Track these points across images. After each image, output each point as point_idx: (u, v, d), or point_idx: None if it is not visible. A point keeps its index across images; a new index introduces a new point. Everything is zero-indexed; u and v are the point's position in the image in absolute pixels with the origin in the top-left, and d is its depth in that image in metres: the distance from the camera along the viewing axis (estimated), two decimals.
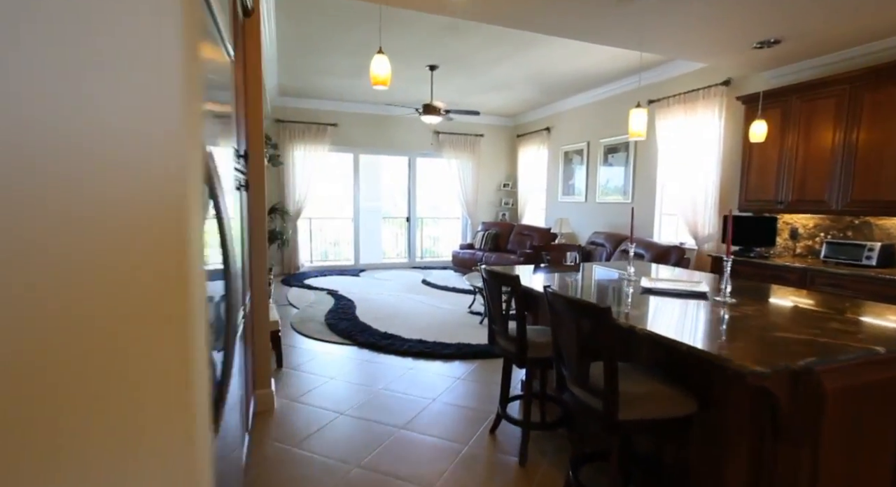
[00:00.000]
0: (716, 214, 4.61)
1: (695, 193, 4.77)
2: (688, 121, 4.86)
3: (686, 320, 1.82)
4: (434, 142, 8.42)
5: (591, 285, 2.60)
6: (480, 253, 7.45)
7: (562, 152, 7.36)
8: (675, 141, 5.01)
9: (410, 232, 8.65)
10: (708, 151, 4.63)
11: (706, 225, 4.67)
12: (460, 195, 8.53)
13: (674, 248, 4.30)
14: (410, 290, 6.38)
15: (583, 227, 6.80)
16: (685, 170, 4.87)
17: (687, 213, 4.85)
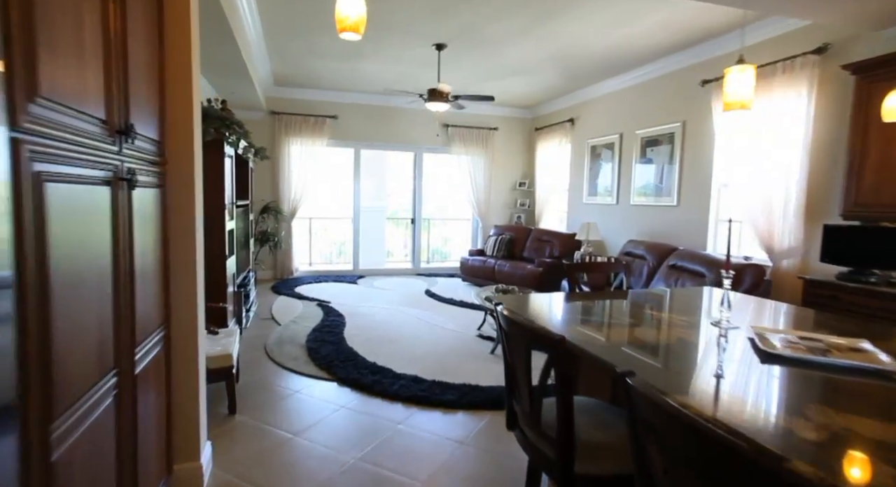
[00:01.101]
0: (800, 222, 3.66)
1: (770, 196, 3.84)
2: (760, 103, 3.92)
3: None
4: (442, 136, 7.59)
5: (673, 338, 1.74)
6: (493, 260, 6.60)
7: (588, 146, 6.47)
8: (740, 129, 4.09)
9: (415, 234, 7.84)
10: (789, 142, 3.69)
11: (786, 235, 3.73)
12: (471, 195, 7.69)
13: (749, 268, 3.37)
14: (411, 303, 5.55)
15: (614, 234, 5.90)
16: (755, 167, 3.94)
17: (758, 221, 3.92)
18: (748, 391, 1.22)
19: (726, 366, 1.38)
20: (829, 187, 3.51)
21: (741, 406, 1.11)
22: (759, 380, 1.28)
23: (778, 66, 3.80)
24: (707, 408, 1.09)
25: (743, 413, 1.06)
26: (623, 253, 5.07)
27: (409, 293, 6.18)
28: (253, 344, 3.88)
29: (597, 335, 1.68)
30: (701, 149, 4.65)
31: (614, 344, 1.58)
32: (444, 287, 6.65)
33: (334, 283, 6.64)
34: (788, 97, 3.72)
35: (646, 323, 1.90)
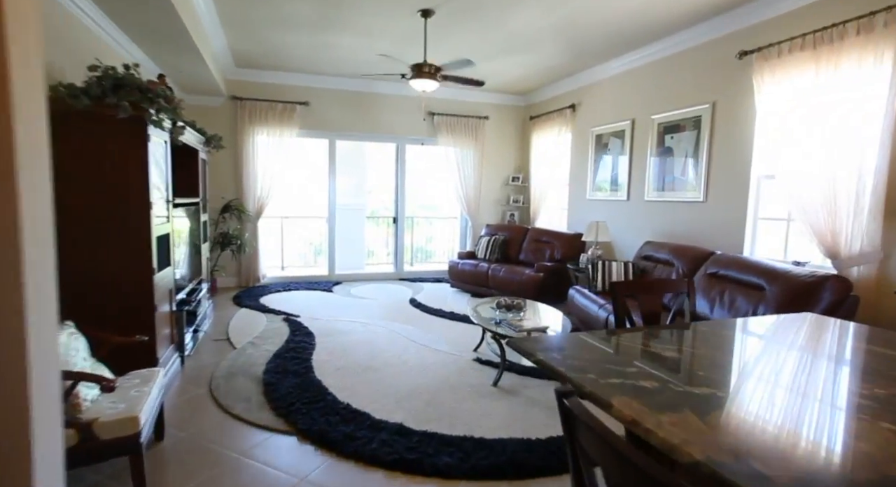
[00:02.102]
0: (878, 220, 2.96)
1: (835, 188, 3.14)
2: (819, 77, 3.23)
3: None
4: (427, 121, 6.82)
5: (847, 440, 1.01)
6: (486, 264, 5.87)
7: (592, 135, 5.78)
8: (790, 109, 3.40)
9: (398, 235, 7.06)
10: (864, 120, 2.98)
11: (857, 237, 3.04)
12: (459, 190, 6.95)
13: (830, 281, 2.64)
14: (394, 315, 4.79)
15: (625, 235, 5.23)
16: (815, 153, 3.25)
17: (816, 219, 3.23)
18: None
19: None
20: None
21: None
22: None
23: (850, 27, 3.07)
24: None
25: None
26: (640, 257, 4.40)
27: (391, 302, 5.40)
28: (196, 378, 3.06)
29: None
30: (736, 133, 3.98)
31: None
32: (431, 294, 5.90)
33: (306, 292, 5.82)
34: (865, 64, 3.00)
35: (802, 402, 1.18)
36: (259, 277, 6.00)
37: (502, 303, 3.41)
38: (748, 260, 3.18)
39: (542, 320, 3.41)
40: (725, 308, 3.07)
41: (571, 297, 4.40)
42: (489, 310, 3.58)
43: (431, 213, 9.30)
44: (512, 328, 3.04)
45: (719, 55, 4.11)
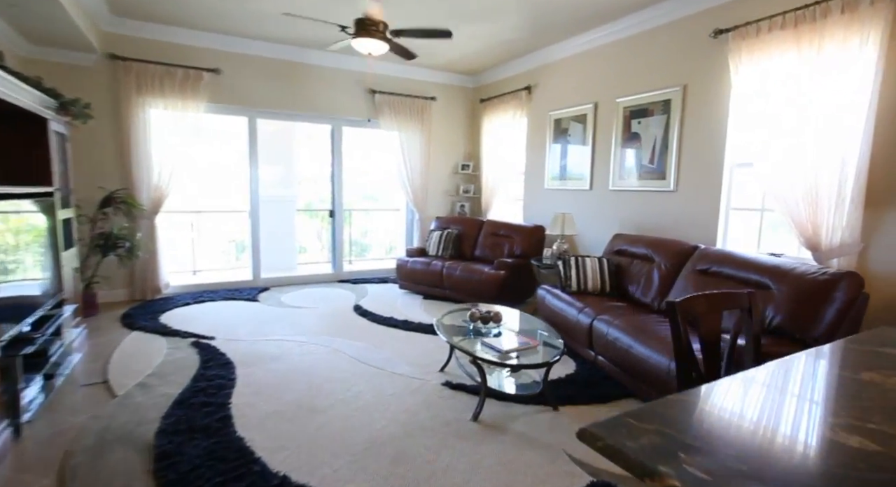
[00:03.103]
0: (859, 211, 2.76)
1: (816, 177, 2.90)
2: (802, 58, 2.96)
3: None
4: (367, 100, 5.99)
5: None
6: (439, 262, 5.23)
7: (550, 120, 5.31)
8: (769, 93, 3.11)
9: (335, 230, 6.20)
10: (848, 106, 2.76)
11: (838, 228, 2.82)
12: (405, 180, 6.22)
13: (843, 279, 2.27)
14: (337, 329, 4.00)
15: (589, 227, 4.82)
16: (795, 140, 2.99)
17: (797, 210, 2.98)
18: None
19: None
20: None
21: None
22: None
23: (833, 5, 2.84)
24: None
25: None
26: (612, 251, 3.98)
27: (331, 311, 4.59)
28: (40, 459, 2.05)
29: None
30: (709, 118, 3.65)
31: None
32: (378, 298, 5.15)
33: (224, 303, 4.82)
34: (849, 46, 2.77)
35: None
36: (160, 287, 4.87)
37: (476, 314, 2.79)
38: (745, 257, 2.82)
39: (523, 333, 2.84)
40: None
41: (541, 298, 3.89)
42: (460, 323, 2.94)
43: (373, 205, 8.48)
44: (494, 350, 2.43)
45: (692, 33, 3.75)
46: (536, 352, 2.47)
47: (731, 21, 3.41)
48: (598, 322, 3.00)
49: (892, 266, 2.67)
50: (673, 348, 1.43)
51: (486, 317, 2.74)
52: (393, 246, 8.00)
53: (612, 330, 2.84)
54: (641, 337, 2.60)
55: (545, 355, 2.48)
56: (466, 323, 2.86)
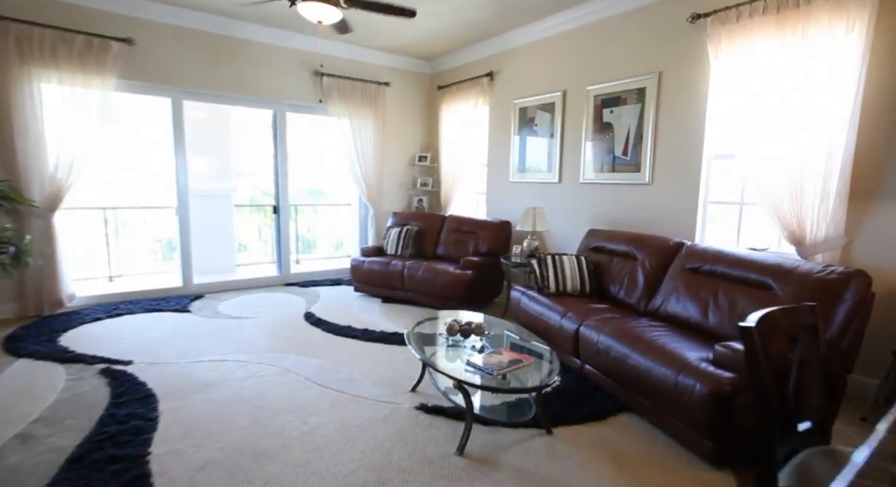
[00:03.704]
0: (843, 204, 2.66)
1: (800, 171, 2.77)
2: (788, 42, 2.81)
3: None
4: (314, 82, 5.40)
5: None
6: (399, 262, 4.78)
7: (515, 109, 5.00)
8: (751, 82, 2.95)
9: (280, 228, 5.57)
10: (833, 96, 2.63)
11: (823, 222, 2.71)
12: (357, 172, 5.70)
13: (853, 278, 2.06)
14: (286, 343, 3.47)
15: (559, 222, 4.56)
16: (778, 131, 2.85)
17: (781, 203, 2.84)
18: None
19: None
20: (886, 156, 2.53)
21: None
22: None
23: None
24: None
25: None
26: (588, 248, 3.74)
27: (279, 321, 4.02)
28: None
29: None
30: (686, 108, 3.48)
31: None
32: (332, 304, 4.63)
33: (148, 316, 4.11)
34: (834, 33, 2.64)
35: None
36: (62, 300, 4.05)
37: (455, 327, 2.40)
38: (742, 255, 2.64)
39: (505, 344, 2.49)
40: (724, 311, 2.49)
41: (516, 301, 3.58)
42: (435, 335, 2.54)
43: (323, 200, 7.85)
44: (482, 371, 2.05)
45: (668, 18, 3.56)
46: (530, 370, 2.12)
47: (709, 5, 3.23)
48: (586, 328, 2.72)
49: (876, 260, 2.59)
50: (751, 379, 1.11)
51: (467, 330, 2.37)
52: (342, 243, 7.44)
53: (603, 338, 2.57)
54: (640, 347, 2.33)
55: (539, 372, 2.14)
56: (443, 336, 2.46)
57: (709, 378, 1.93)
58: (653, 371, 2.18)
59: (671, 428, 2.16)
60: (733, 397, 1.86)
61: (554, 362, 2.20)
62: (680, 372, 2.05)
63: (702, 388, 1.92)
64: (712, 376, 1.93)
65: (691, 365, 2.05)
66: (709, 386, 1.90)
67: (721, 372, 1.95)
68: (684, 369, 2.04)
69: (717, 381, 1.90)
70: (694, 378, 1.97)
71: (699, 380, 1.95)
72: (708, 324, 2.52)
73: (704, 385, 1.92)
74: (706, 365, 2.03)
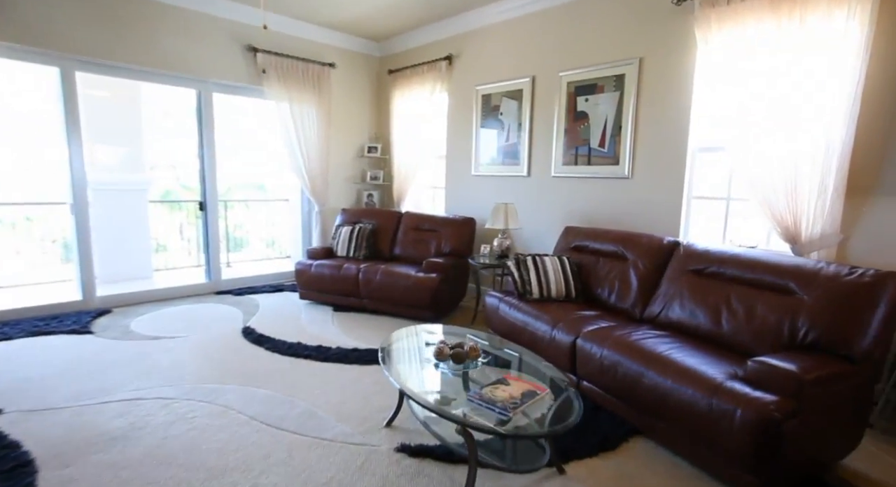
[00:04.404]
0: (841, 200, 2.54)
1: (795, 165, 2.63)
2: (781, 32, 2.64)
3: None
4: (247, 59, 4.68)
5: None
6: (353, 265, 4.24)
7: (478, 96, 4.62)
8: (743, 70, 2.77)
9: (209, 228, 4.79)
10: (831, 86, 2.49)
11: (819, 219, 2.58)
12: (299, 163, 5.05)
13: (889, 280, 1.84)
14: (222, 371, 2.83)
15: (532, 219, 4.24)
16: (771, 126, 2.69)
17: (775, 199, 2.70)
18: None
19: None
20: (885, 150, 2.44)
21: None
22: None
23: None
24: None
25: None
26: (568, 248, 3.44)
27: (211, 341, 3.35)
28: None
29: None
30: (670, 97, 3.28)
31: None
32: (276, 315, 4.00)
33: (29, 341, 3.25)
34: (834, 19, 2.50)
35: None
36: None
37: (445, 351, 1.96)
38: (754, 256, 2.43)
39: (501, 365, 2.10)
40: (740, 319, 2.27)
41: (492, 308, 3.20)
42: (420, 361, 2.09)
43: (258, 195, 7.03)
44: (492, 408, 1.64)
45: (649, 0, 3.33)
46: (546, 403, 1.74)
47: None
48: (585, 341, 2.39)
49: (873, 257, 2.50)
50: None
51: (461, 354, 1.93)
52: (274, 241, 6.71)
53: (607, 353, 2.25)
54: (655, 365, 2.04)
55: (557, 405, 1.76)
56: (432, 363, 2.01)
57: (751, 402, 1.66)
58: (677, 393, 1.89)
59: (700, 458, 1.88)
60: (781, 424, 1.59)
61: (570, 389, 1.83)
62: (713, 396, 1.76)
63: (744, 415, 1.64)
64: (755, 400, 1.66)
65: (724, 386, 1.77)
66: (753, 412, 1.63)
67: (761, 394, 1.69)
68: (718, 392, 1.76)
69: (761, 406, 1.63)
70: (732, 402, 1.70)
71: (739, 405, 1.67)
72: (721, 333, 2.29)
73: (747, 410, 1.64)
74: (741, 386, 1.76)
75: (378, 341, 3.39)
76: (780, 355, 1.85)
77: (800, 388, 1.63)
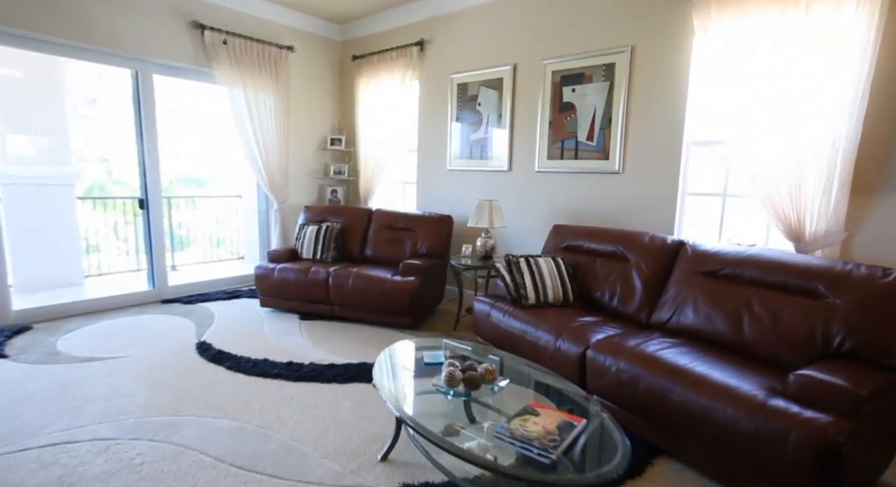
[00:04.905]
0: (846, 196, 2.48)
1: (800, 161, 2.54)
2: (786, 21, 2.53)
3: None
4: (193, 36, 4.14)
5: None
6: (321, 269, 3.85)
7: (453, 84, 4.33)
8: (746, 60, 2.65)
9: (152, 228, 4.22)
10: (835, 82, 2.40)
11: (824, 216, 2.51)
12: (255, 156, 4.57)
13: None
14: (174, 397, 2.40)
15: (513, 217, 4.01)
16: (775, 119, 2.59)
17: (778, 195, 2.61)
18: None
19: None
20: (891, 145, 2.39)
21: None
22: None
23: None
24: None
25: None
26: (559, 247, 3.24)
27: (159, 361, 2.87)
28: None
29: None
30: (664, 88, 3.14)
31: None
32: (234, 326, 3.54)
33: None
34: (842, 9, 2.40)
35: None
36: None
37: (456, 376, 1.67)
38: (773, 256, 2.29)
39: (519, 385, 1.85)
40: (765, 325, 2.12)
41: (482, 315, 2.94)
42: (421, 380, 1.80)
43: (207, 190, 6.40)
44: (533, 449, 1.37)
45: None
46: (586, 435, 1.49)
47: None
48: (598, 353, 2.18)
49: (878, 255, 2.44)
50: None
51: (475, 379, 1.65)
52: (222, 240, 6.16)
53: (624, 366, 2.05)
54: (684, 380, 1.86)
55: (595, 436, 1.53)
56: (439, 389, 1.72)
57: (805, 424, 1.50)
58: (714, 413, 1.71)
59: (739, 481, 1.72)
60: (841, 446, 1.44)
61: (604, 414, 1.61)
62: (757, 415, 1.59)
63: (800, 438, 1.48)
64: (810, 422, 1.50)
65: (770, 405, 1.61)
66: (809, 434, 1.47)
67: (814, 413, 1.53)
68: (762, 411, 1.60)
69: (818, 429, 1.47)
70: (782, 423, 1.53)
71: (792, 427, 1.51)
72: (743, 340, 2.14)
73: (802, 433, 1.48)
74: (789, 405, 1.60)
75: (354, 353, 3.05)
76: (820, 367, 1.70)
77: (856, 405, 1.49)
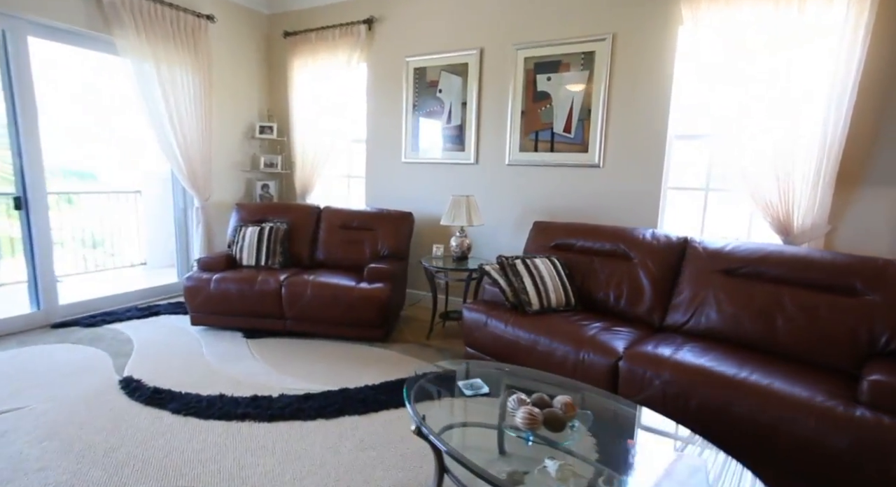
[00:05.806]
0: (831, 189, 2.54)
1: (790, 155, 2.59)
2: (778, 14, 2.54)
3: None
4: (90, 4, 3.29)
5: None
6: (271, 279, 3.27)
7: (409, 69, 3.95)
8: (734, 51, 2.66)
9: (33, 233, 3.29)
10: (828, 74, 2.45)
11: (811, 209, 2.58)
12: (171, 144, 3.81)
13: None
14: (101, 463, 1.78)
15: (484, 213, 3.74)
16: (763, 112, 2.62)
17: (767, 189, 2.65)
18: None
19: None
20: (875, 139, 2.52)
21: None
22: None
23: None
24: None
25: None
26: (547, 247, 3.05)
27: (70, 410, 2.16)
28: None
29: None
30: (648, 79, 3.07)
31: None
32: (163, 353, 2.86)
33: None
34: (833, 6, 2.42)
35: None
36: None
37: (536, 418, 1.34)
38: (797, 252, 2.23)
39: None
40: (799, 325, 2.06)
41: (477, 325, 2.64)
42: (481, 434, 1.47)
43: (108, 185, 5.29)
44: None
45: None
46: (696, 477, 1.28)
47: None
48: (635, 365, 2.00)
49: (860, 248, 2.56)
50: None
51: (558, 418, 1.35)
52: (107, 240, 5.20)
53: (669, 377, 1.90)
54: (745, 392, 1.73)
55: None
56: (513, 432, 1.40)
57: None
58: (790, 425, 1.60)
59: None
60: None
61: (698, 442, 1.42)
62: (842, 429, 1.52)
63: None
64: None
65: (857, 417, 1.54)
66: None
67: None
68: (850, 424, 1.53)
69: None
70: (880, 434, 1.47)
71: None
72: (776, 342, 2.09)
73: None
74: (880, 416, 1.53)
75: (328, 377, 2.60)
76: (884, 371, 1.66)
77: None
